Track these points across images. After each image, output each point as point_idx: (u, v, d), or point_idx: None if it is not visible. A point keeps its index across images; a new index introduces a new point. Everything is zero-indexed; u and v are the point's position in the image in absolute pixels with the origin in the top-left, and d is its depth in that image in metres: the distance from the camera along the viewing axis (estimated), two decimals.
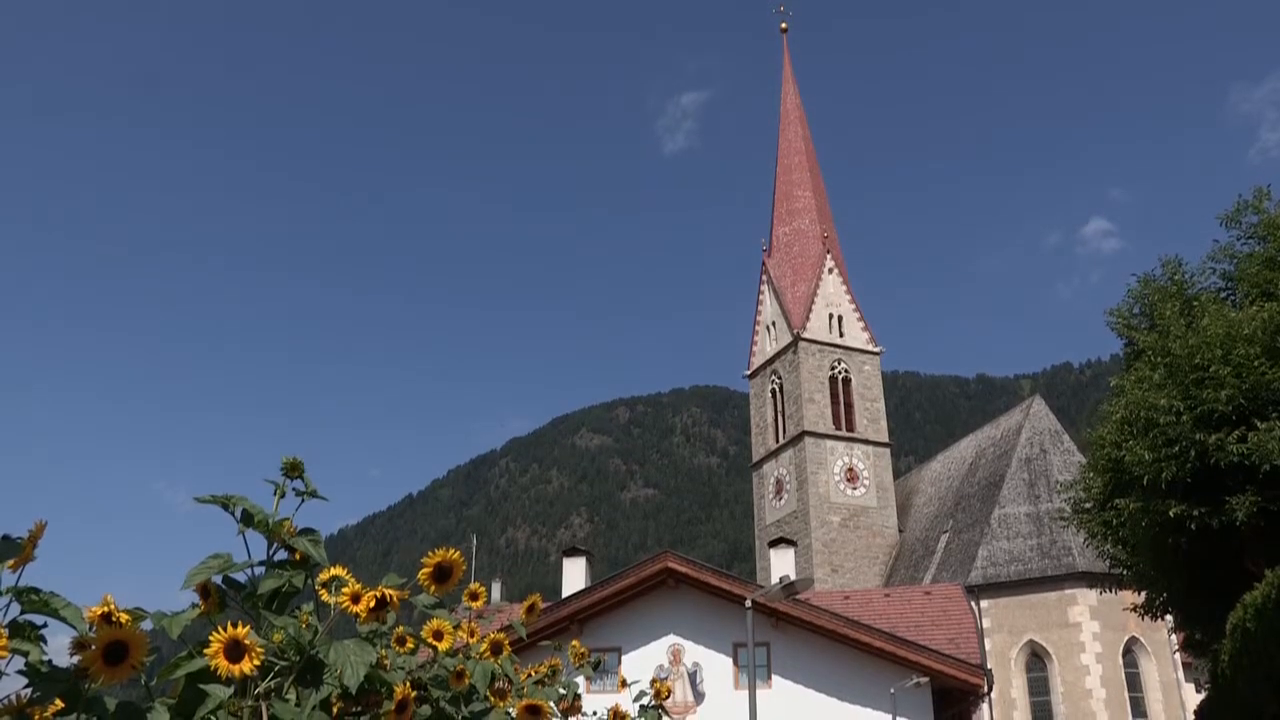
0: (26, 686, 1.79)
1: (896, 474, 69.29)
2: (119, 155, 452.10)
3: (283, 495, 2.47)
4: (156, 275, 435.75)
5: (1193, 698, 41.26)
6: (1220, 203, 19.11)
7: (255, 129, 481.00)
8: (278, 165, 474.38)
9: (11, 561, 1.76)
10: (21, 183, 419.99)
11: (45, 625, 1.83)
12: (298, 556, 2.49)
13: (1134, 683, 47.55)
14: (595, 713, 5.90)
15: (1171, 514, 16.25)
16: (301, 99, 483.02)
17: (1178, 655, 44.55)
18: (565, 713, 4.89)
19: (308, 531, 2.49)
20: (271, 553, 2.43)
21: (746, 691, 19.00)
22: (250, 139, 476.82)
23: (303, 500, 2.51)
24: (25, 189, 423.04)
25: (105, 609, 1.81)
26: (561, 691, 4.83)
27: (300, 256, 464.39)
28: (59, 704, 1.79)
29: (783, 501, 65.89)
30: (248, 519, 2.33)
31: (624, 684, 7.49)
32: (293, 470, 2.48)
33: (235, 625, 1.97)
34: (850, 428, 65.88)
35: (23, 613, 1.79)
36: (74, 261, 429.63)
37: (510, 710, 3.71)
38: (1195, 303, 17.87)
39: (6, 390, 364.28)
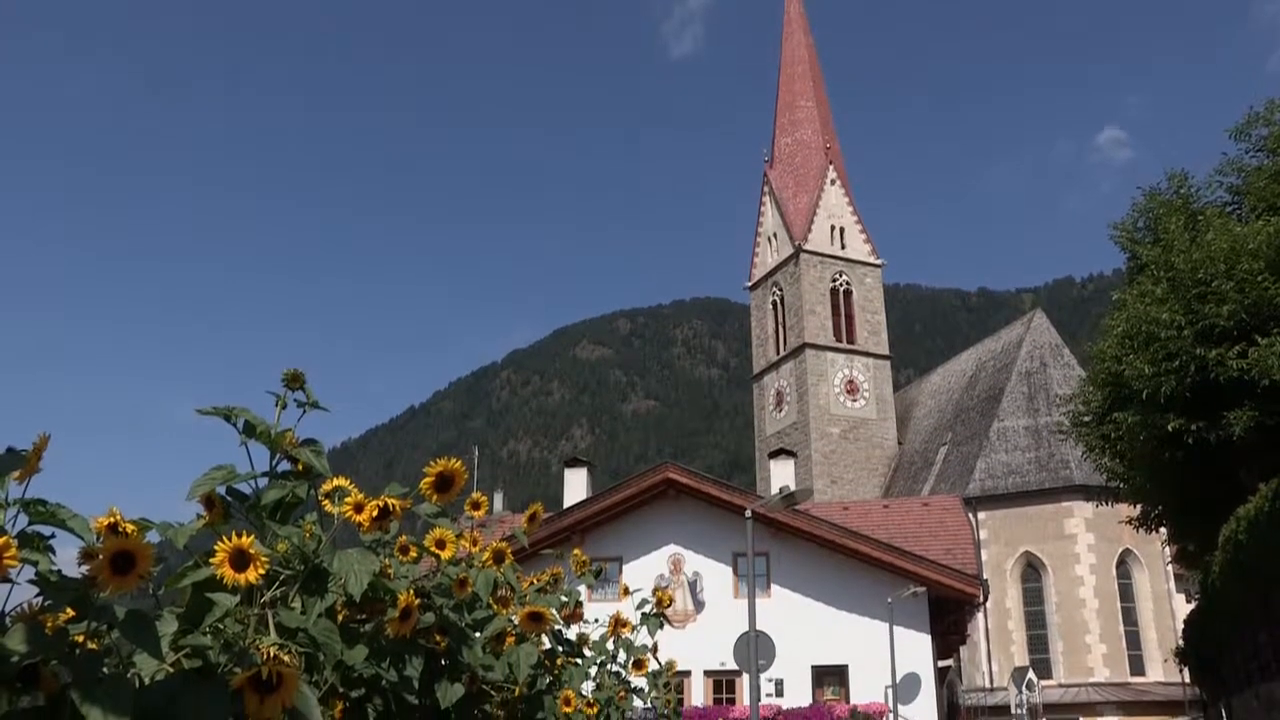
0: (38, 595, 1.81)
1: (896, 387, 69.55)
2: (119, 85, 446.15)
3: (284, 407, 2.47)
4: (158, 196, 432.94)
5: (1183, 608, 41.90)
6: (1239, 114, 18.84)
7: (258, 41, 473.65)
8: (281, 82, 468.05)
9: (17, 473, 1.78)
10: (16, 100, 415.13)
11: (53, 536, 1.85)
12: (300, 467, 2.51)
13: (1126, 593, 48.30)
14: (597, 620, 5.99)
15: (1169, 428, 16.33)
16: (298, 13, 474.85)
17: (1170, 567, 45.15)
18: (567, 620, 4.97)
19: (310, 442, 2.50)
20: (274, 464, 2.45)
21: (746, 600, 19.29)
22: (251, 49, 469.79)
23: (304, 411, 2.51)
24: (20, 107, 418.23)
25: (111, 520, 1.83)
26: (563, 599, 4.90)
27: (302, 174, 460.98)
28: (70, 612, 1.81)
29: (783, 413, 66.22)
30: (250, 430, 2.34)
31: (625, 592, 7.60)
32: (293, 382, 2.49)
33: (240, 535, 1.99)
34: (851, 340, 65.93)
35: (30, 524, 1.80)
36: (74, 181, 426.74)
37: (513, 617, 3.77)
38: (1200, 217, 17.74)
39: (9, 309, 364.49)
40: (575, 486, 32.53)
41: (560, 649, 4.76)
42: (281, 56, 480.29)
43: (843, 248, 67.67)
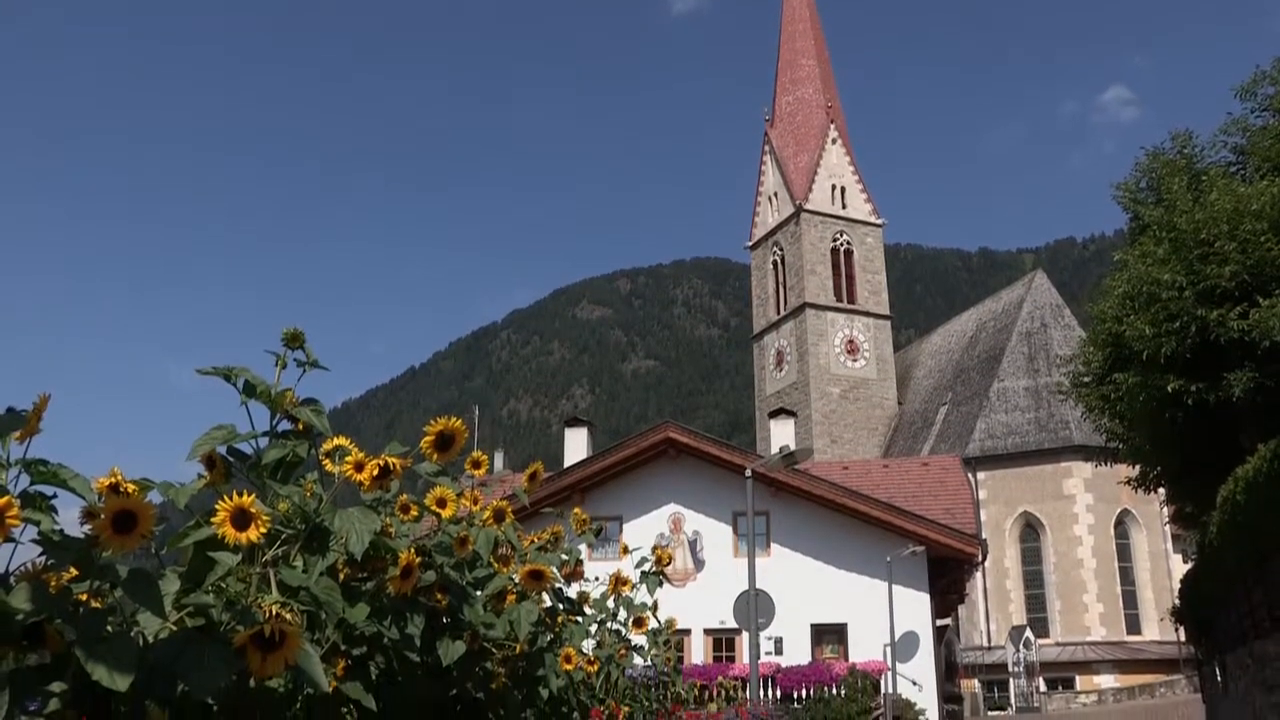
0: (41, 555, 1.82)
1: (897, 347, 69.58)
2: (118, 47, 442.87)
3: (284, 366, 2.47)
4: (162, 159, 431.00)
5: (1179, 568, 42.19)
6: (1247, 73, 18.63)
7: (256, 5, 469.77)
8: (280, 41, 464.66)
9: (18, 433, 1.78)
10: (8, 57, 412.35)
11: (55, 496, 1.86)
12: (301, 427, 2.51)
13: (1124, 553, 48.60)
14: (597, 578, 6.03)
15: (1169, 389, 16.34)
16: None
17: (1168, 527, 45.41)
18: (568, 578, 5.00)
19: (310, 402, 2.50)
20: (275, 424, 2.45)
21: (745, 559, 19.40)
22: (250, 7, 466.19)
23: (304, 371, 2.51)
24: (13, 67, 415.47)
25: (113, 480, 1.83)
26: (564, 557, 4.93)
27: (303, 136, 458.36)
28: (73, 571, 1.82)
29: (783, 373, 66.28)
30: (250, 390, 2.34)
31: (625, 551, 7.64)
32: (293, 341, 2.48)
33: (241, 495, 2.00)
34: (851, 300, 65.88)
35: (32, 484, 1.81)
36: (77, 145, 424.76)
37: (514, 575, 3.79)
38: (1204, 177, 17.65)
39: (14, 271, 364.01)
40: (575, 446, 32.62)
41: (561, 607, 4.79)
42: (281, 16, 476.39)
43: (843, 207, 67.45)
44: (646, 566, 6.72)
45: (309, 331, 2.49)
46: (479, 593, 3.52)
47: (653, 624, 6.56)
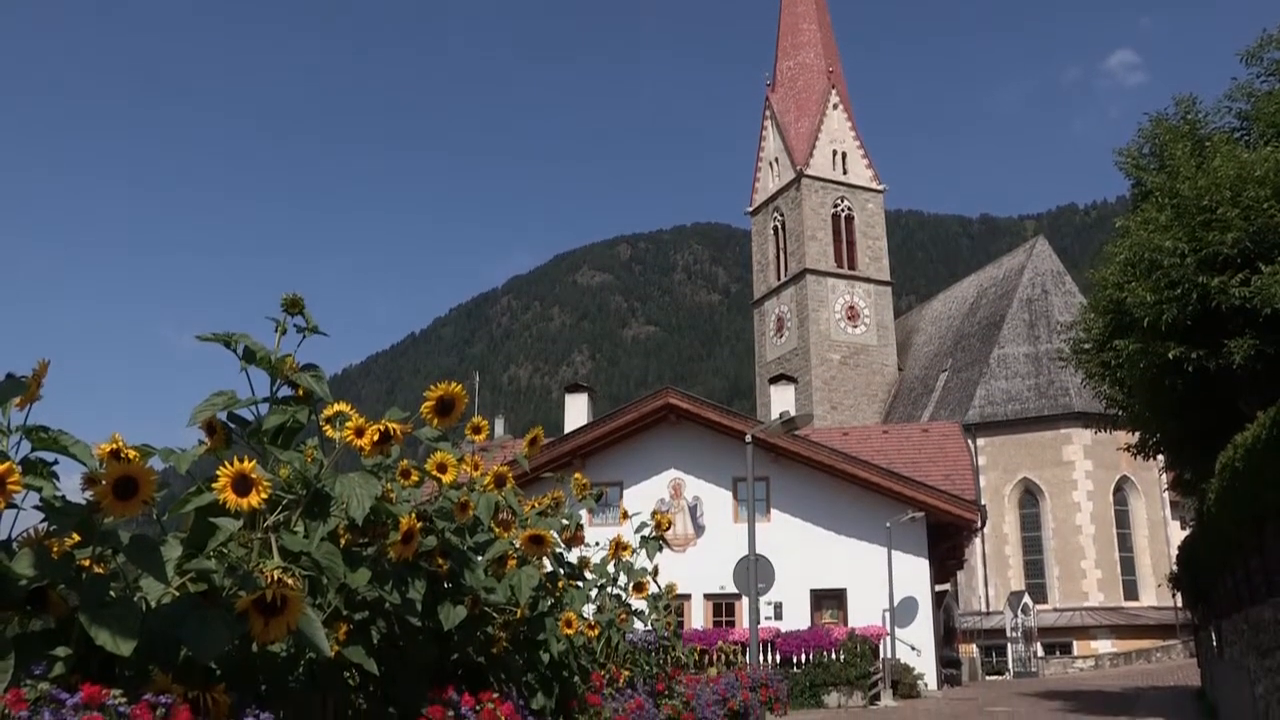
0: (43, 521, 1.83)
1: (897, 313, 69.48)
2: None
3: (284, 332, 2.47)
4: (160, 122, 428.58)
5: (1177, 535, 42.36)
6: (1255, 37, 18.40)
7: None
8: (279, 6, 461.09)
9: (18, 399, 1.78)
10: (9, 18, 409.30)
11: (56, 462, 1.86)
12: (301, 393, 2.51)
13: (1122, 520, 48.76)
14: (597, 544, 6.06)
15: (1170, 356, 16.33)
16: None
17: (1167, 494, 45.53)
18: (568, 543, 5.02)
19: (310, 367, 2.49)
20: (275, 390, 2.45)
21: (745, 524, 19.48)
22: None
23: (304, 336, 2.51)
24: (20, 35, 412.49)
25: (114, 446, 1.83)
26: (564, 522, 4.94)
27: (303, 100, 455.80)
28: (75, 537, 1.83)
29: (783, 339, 66.26)
30: (250, 356, 2.34)
31: (625, 516, 7.67)
32: (293, 306, 2.48)
33: (242, 460, 2.00)
34: (852, 266, 65.74)
35: (33, 450, 1.81)
36: (76, 109, 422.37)
37: (514, 540, 3.80)
38: (1207, 143, 17.54)
39: (13, 237, 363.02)
40: (576, 412, 32.67)
41: (561, 572, 4.81)
42: None
43: (844, 173, 67.16)
44: (646, 532, 6.76)
45: (309, 297, 2.49)
46: (480, 558, 3.53)
47: (653, 589, 6.60)
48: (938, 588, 32.46)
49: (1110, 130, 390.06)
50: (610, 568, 6.11)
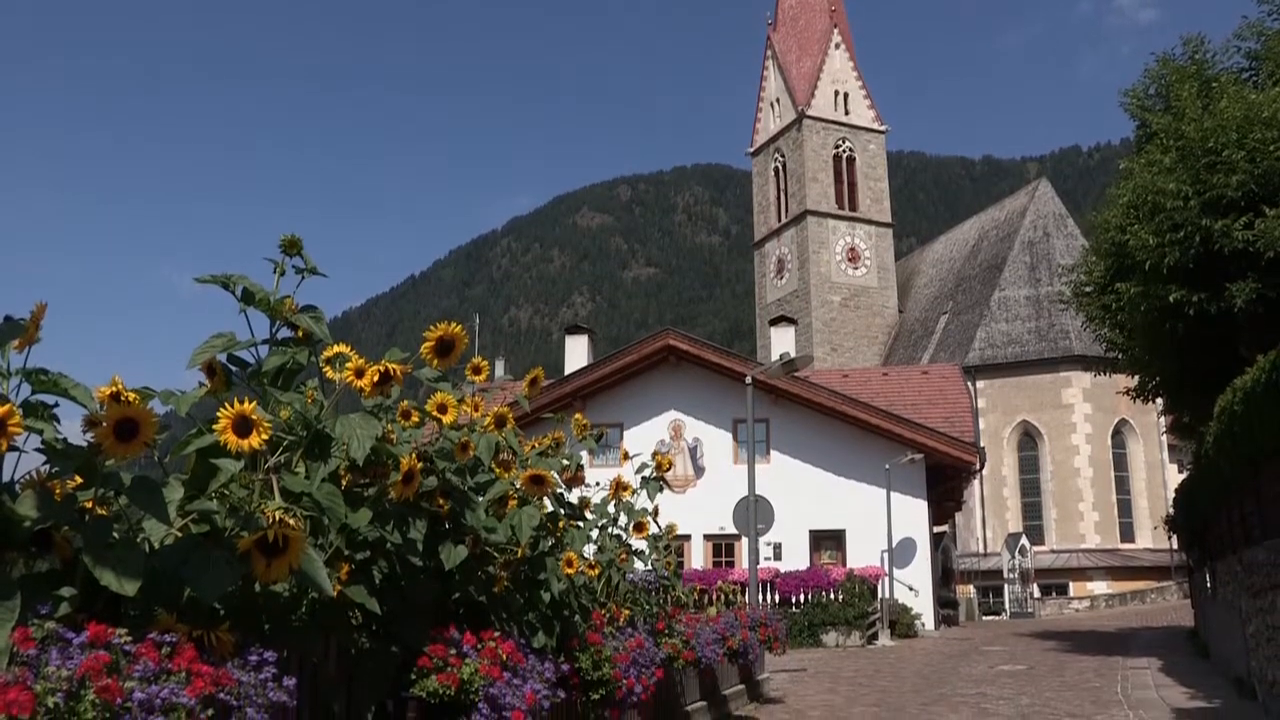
0: (45, 463, 1.83)
1: (898, 255, 69.25)
2: None
3: (283, 274, 2.46)
4: (160, 67, 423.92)
5: (1175, 478, 42.56)
6: None
7: None
8: None
9: (17, 342, 1.77)
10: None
11: (56, 405, 1.85)
12: (301, 334, 2.51)
13: (1120, 463, 48.98)
14: (598, 484, 6.09)
15: (1171, 299, 16.28)
16: None
17: (1165, 437, 45.67)
18: (569, 483, 5.05)
19: (309, 309, 2.49)
20: (274, 331, 2.44)
21: (745, 466, 19.57)
22: None
23: (303, 278, 2.50)
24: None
25: (114, 388, 1.83)
26: (565, 463, 4.96)
27: (301, 46, 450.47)
28: (78, 479, 1.84)
29: (784, 280, 66.12)
30: (248, 297, 2.33)
31: (626, 457, 7.71)
32: (291, 248, 2.46)
33: (242, 402, 2.00)
34: (853, 207, 65.40)
35: (34, 393, 1.81)
36: (78, 66, 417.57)
37: (515, 481, 3.82)
38: (1215, 84, 17.32)
39: (12, 184, 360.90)
40: (576, 354, 32.68)
41: (562, 512, 4.83)
42: None
43: (846, 113, 66.57)
44: (647, 472, 6.79)
45: (308, 240, 2.47)
46: (481, 498, 3.55)
47: (653, 529, 6.65)
48: (936, 529, 32.71)
49: (1121, 68, 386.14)
50: (611, 508, 6.14)
